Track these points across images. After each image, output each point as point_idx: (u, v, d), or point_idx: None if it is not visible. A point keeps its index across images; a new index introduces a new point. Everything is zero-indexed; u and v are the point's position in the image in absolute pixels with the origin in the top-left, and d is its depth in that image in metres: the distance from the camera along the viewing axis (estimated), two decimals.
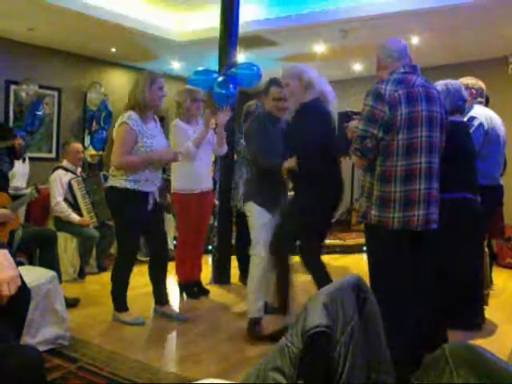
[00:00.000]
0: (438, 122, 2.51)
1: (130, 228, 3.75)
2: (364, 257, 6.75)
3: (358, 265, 6.29)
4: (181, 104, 4.38)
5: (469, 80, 3.93)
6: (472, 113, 3.74)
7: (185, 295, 4.61)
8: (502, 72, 7.25)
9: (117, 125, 3.66)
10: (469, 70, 6.75)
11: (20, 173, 5.54)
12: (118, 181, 3.64)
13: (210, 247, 5.51)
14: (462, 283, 3.38)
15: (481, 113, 3.77)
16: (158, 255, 3.99)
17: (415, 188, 2.40)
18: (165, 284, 4.05)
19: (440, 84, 3.13)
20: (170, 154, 3.80)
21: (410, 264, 2.51)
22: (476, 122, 3.66)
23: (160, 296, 4.03)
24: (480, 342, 3.38)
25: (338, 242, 7.17)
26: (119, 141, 3.60)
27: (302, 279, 3.64)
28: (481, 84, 3.96)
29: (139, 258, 5.99)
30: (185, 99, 4.36)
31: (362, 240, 7.12)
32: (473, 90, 3.87)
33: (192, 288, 4.64)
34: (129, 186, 3.62)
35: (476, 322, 3.76)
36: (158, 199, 3.88)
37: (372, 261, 2.64)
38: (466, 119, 3.65)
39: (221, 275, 5.13)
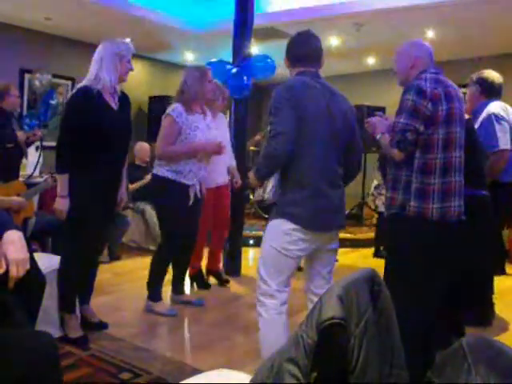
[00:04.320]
0: (463, 120, 2.67)
1: (172, 217, 3.77)
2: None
3: (367, 259, 6.29)
4: None
5: (479, 74, 3.85)
6: (493, 109, 3.69)
7: (195, 286, 4.65)
8: None
9: (163, 116, 3.76)
10: (485, 64, 6.72)
11: (34, 162, 5.57)
12: (160, 170, 3.74)
13: None
14: (474, 279, 3.38)
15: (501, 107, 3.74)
16: (184, 247, 3.99)
17: (451, 180, 2.55)
18: (184, 275, 4.22)
19: None
20: (214, 146, 3.78)
21: (441, 256, 2.58)
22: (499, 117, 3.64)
23: (180, 285, 4.20)
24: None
25: (347, 235, 7.15)
26: (162, 132, 3.71)
27: None
28: (492, 78, 3.84)
29: (150, 247, 6.06)
30: None
31: (373, 235, 7.16)
32: (478, 86, 3.80)
33: (201, 279, 4.67)
34: (170, 175, 3.69)
35: (487, 317, 3.75)
36: (199, 194, 3.86)
37: (400, 253, 2.65)
38: (486, 115, 3.65)
39: (232, 266, 5.14)
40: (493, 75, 3.82)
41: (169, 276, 4.08)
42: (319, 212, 2.45)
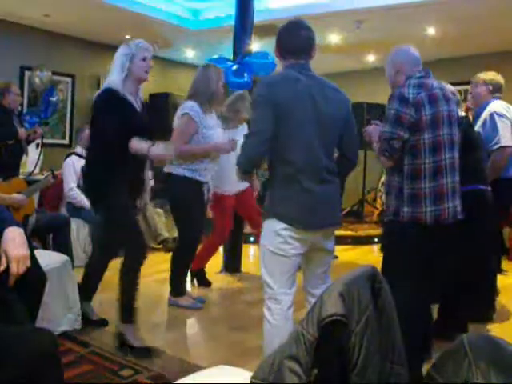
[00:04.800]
0: (455, 120, 2.67)
1: (190, 214, 3.80)
2: (375, 248, 6.79)
3: (368, 256, 6.30)
4: None
5: (487, 75, 3.92)
6: (495, 107, 3.78)
7: (196, 282, 4.66)
8: None
9: (179, 114, 3.78)
10: (486, 62, 6.70)
11: (34, 159, 5.58)
12: (177, 168, 3.76)
13: None
14: (474, 274, 3.42)
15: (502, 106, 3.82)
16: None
17: (442, 183, 2.55)
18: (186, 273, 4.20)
19: None
20: (227, 146, 3.84)
21: (435, 258, 2.63)
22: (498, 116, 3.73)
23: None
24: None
25: (348, 232, 7.16)
26: (179, 130, 3.74)
27: None
28: (499, 79, 3.92)
29: (151, 245, 6.06)
30: None
31: (373, 231, 7.19)
32: (489, 86, 3.87)
33: (203, 277, 4.68)
34: (187, 174, 3.74)
35: (488, 313, 3.77)
36: (210, 191, 3.97)
37: (395, 256, 2.68)
38: (488, 114, 3.74)
39: (232, 263, 5.14)
40: (499, 77, 3.92)
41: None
42: (307, 210, 2.37)
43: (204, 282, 4.63)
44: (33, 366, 1.51)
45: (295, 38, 2.49)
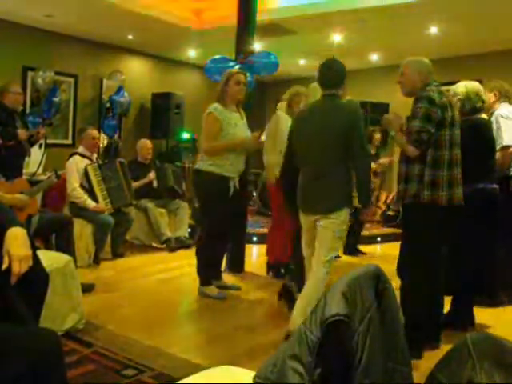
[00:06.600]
0: (458, 124, 3.18)
1: (215, 208, 4.04)
2: (378, 247, 6.79)
3: (373, 255, 6.29)
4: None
5: (495, 83, 4.19)
6: (500, 110, 4.03)
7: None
8: None
9: (205, 114, 4.04)
10: (490, 60, 6.68)
11: (38, 159, 5.60)
12: (204, 164, 4.02)
13: None
14: (486, 266, 3.66)
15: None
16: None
17: (455, 172, 3.11)
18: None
19: (460, 86, 3.62)
20: (252, 142, 4.12)
21: (450, 235, 3.22)
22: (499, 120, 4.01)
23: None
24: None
25: None
26: (206, 128, 4.02)
27: None
28: (502, 85, 4.16)
29: (154, 244, 6.07)
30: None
31: (377, 231, 7.17)
32: (495, 92, 4.11)
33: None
34: (214, 170, 3.97)
35: (497, 298, 3.97)
36: (237, 187, 4.15)
37: (415, 234, 3.19)
38: (494, 117, 4.00)
39: (235, 263, 5.14)
40: (507, 85, 4.22)
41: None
42: (301, 198, 3.32)
43: (280, 273, 4.82)
44: (36, 365, 1.51)
45: (327, 72, 3.22)
